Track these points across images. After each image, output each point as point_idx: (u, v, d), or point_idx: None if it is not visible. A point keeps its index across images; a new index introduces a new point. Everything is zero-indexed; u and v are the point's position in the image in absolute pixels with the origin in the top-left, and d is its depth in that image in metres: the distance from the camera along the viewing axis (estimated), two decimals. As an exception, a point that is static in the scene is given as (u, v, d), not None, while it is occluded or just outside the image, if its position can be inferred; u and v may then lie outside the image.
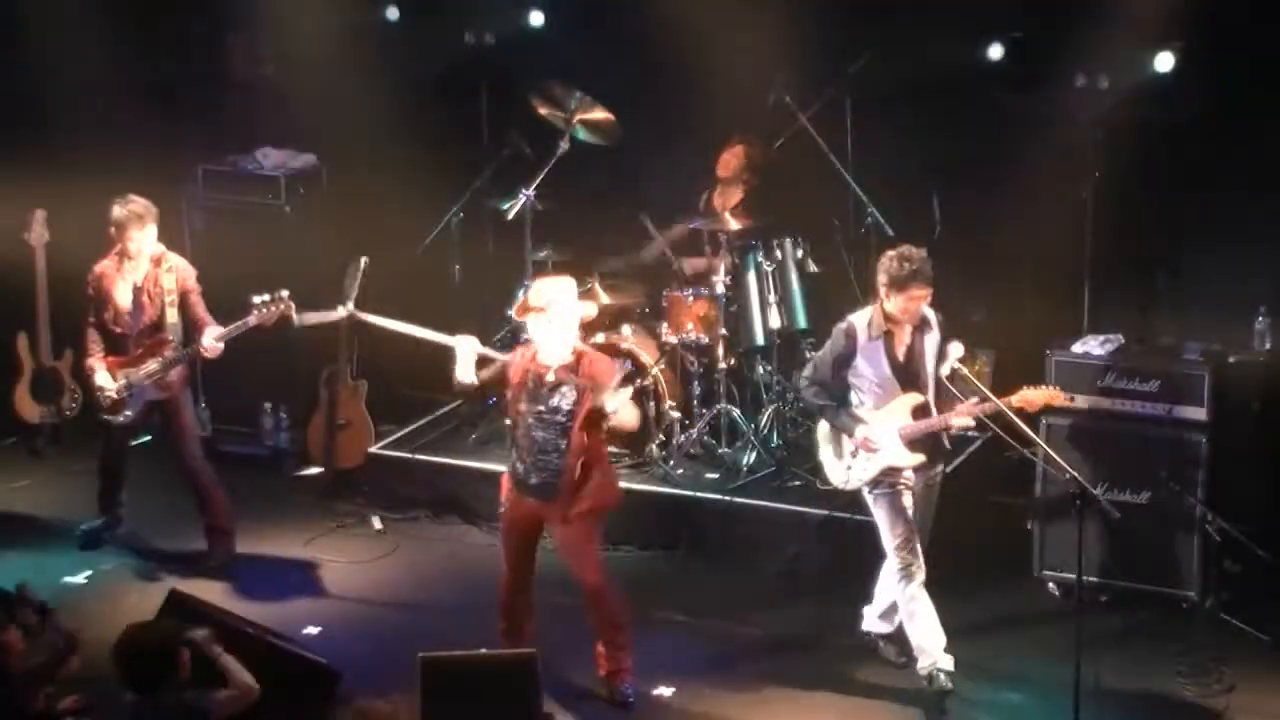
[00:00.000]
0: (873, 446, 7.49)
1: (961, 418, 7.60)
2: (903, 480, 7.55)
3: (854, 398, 7.61)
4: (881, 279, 7.43)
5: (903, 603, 7.59)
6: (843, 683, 7.83)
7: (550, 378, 7.37)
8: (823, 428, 7.80)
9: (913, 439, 7.49)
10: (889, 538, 7.57)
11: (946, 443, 7.72)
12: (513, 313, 7.46)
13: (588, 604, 7.64)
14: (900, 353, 7.52)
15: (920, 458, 7.52)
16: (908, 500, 7.56)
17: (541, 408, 7.39)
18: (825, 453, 7.81)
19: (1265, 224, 9.19)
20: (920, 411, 7.53)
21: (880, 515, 7.60)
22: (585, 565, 7.58)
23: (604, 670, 7.69)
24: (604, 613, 7.64)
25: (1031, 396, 7.50)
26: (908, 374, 7.52)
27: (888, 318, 7.48)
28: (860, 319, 7.57)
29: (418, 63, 10.80)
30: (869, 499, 7.64)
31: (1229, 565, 8.26)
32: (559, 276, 7.74)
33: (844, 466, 7.69)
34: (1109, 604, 8.24)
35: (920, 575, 7.53)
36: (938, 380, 7.54)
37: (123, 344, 8.74)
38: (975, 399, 7.44)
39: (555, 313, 7.36)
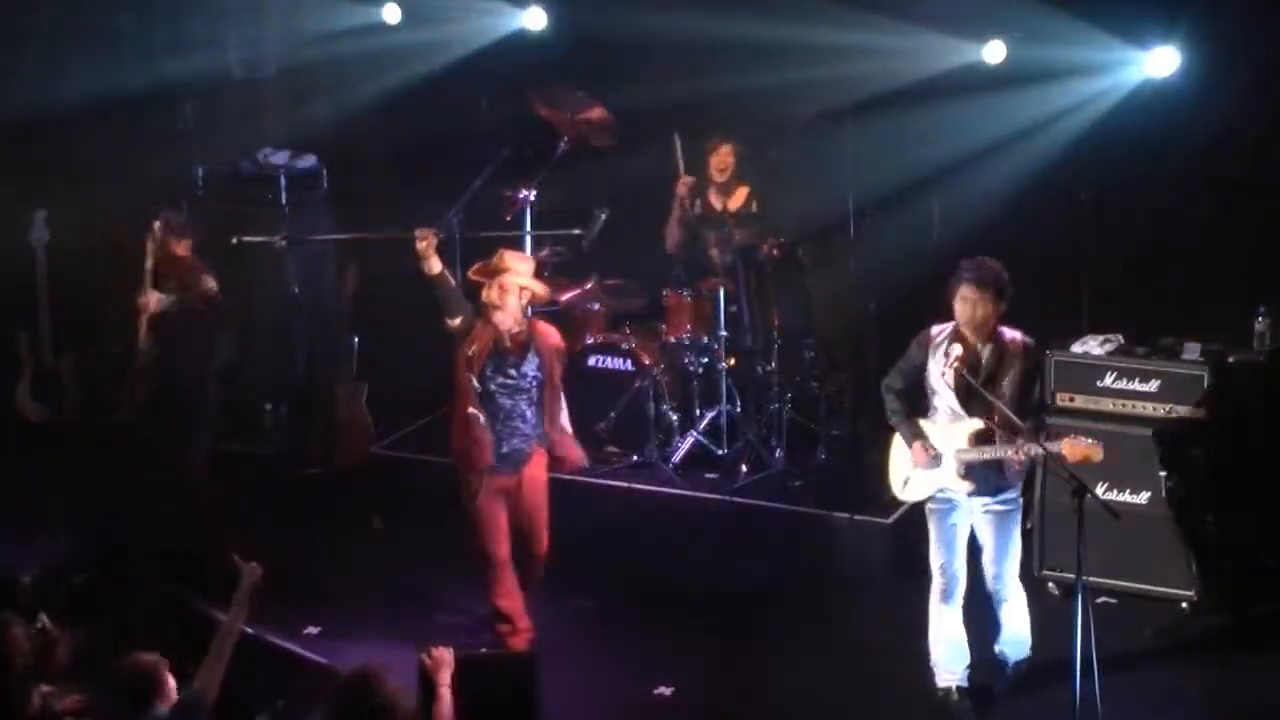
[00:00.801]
0: (921, 461, 7.25)
1: (1013, 455, 7.17)
2: (958, 503, 7.32)
3: (932, 410, 7.32)
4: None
5: (932, 617, 7.47)
6: (844, 682, 7.83)
7: (509, 344, 7.62)
8: (898, 435, 7.48)
9: (967, 466, 7.20)
10: (931, 556, 7.40)
11: (1009, 474, 7.32)
12: (472, 275, 7.71)
13: (528, 567, 7.95)
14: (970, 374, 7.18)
15: (969, 485, 7.22)
16: (959, 522, 7.36)
17: (509, 375, 7.63)
18: (893, 461, 7.51)
19: (1266, 224, 9.20)
20: (979, 438, 7.19)
21: (930, 532, 7.41)
22: (541, 530, 7.89)
23: (503, 631, 7.94)
24: (536, 575, 8.00)
25: (1070, 453, 7.05)
26: (976, 397, 7.15)
27: (959, 331, 7.19)
28: (939, 329, 7.26)
29: (417, 63, 10.81)
30: (927, 513, 7.44)
31: (1229, 565, 8.25)
32: (521, 253, 8.01)
33: (903, 479, 7.44)
34: (1109, 604, 8.23)
35: (956, 600, 7.42)
36: (1017, 409, 7.10)
37: None
38: (1026, 444, 7.05)
39: (510, 283, 7.57)
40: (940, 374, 7.19)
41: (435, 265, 7.70)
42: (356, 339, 9.95)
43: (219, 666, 6.13)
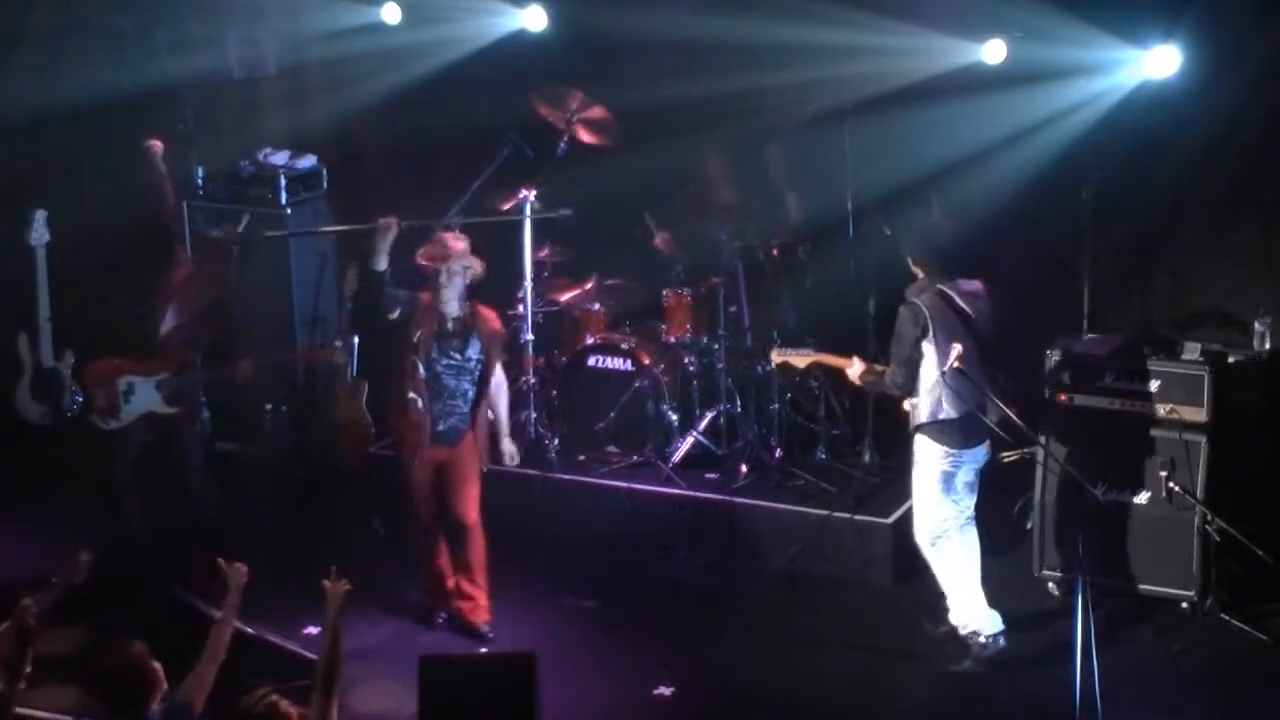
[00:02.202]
0: None
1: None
2: None
3: None
4: None
5: None
6: (844, 681, 7.84)
7: (452, 327, 8.00)
8: None
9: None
10: None
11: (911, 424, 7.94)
12: (420, 260, 8.09)
13: (462, 542, 8.14)
14: None
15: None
16: None
17: (452, 356, 8.01)
18: None
19: (1266, 223, 9.20)
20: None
21: None
22: (470, 502, 8.12)
23: (463, 608, 8.17)
24: (475, 552, 8.15)
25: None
26: None
27: None
28: None
29: (418, 63, 10.80)
30: None
31: (1229, 565, 8.26)
32: (457, 234, 8.28)
33: None
34: (1109, 604, 8.24)
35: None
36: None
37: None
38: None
39: (456, 266, 7.99)
40: None
41: (383, 261, 8.00)
42: (356, 339, 9.94)
43: (210, 670, 6.12)
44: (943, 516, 7.83)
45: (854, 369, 8.01)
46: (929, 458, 7.78)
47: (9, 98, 10.49)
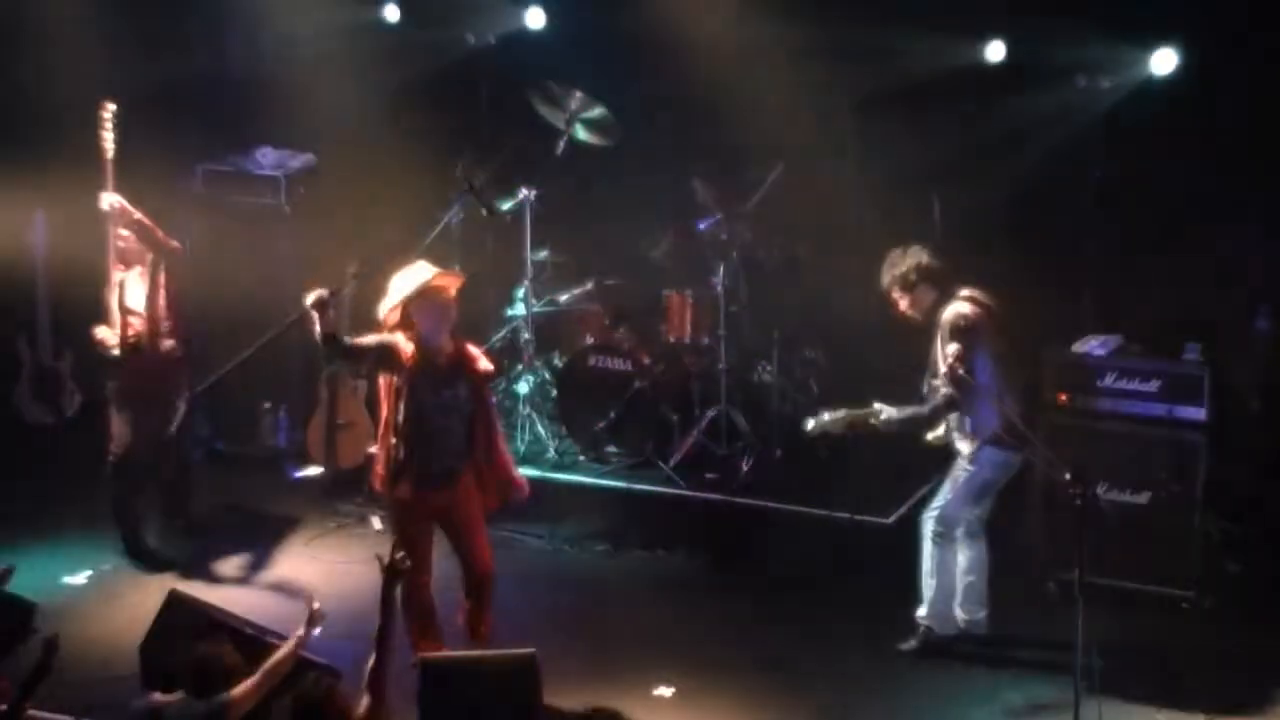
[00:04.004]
0: None
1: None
2: None
3: None
4: None
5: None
6: (844, 682, 7.84)
7: (440, 362, 7.38)
8: None
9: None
10: None
11: (954, 441, 7.81)
12: (406, 303, 7.38)
13: (476, 586, 7.60)
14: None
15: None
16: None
17: (441, 395, 7.38)
18: None
19: (1265, 223, 9.20)
20: None
21: None
22: (483, 548, 7.58)
23: (469, 631, 7.69)
24: (487, 594, 7.63)
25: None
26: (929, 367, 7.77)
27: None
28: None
29: (417, 62, 10.81)
30: None
31: (1229, 565, 8.25)
32: (419, 262, 7.59)
33: None
34: (1109, 604, 8.23)
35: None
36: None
37: None
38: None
39: (436, 297, 7.34)
40: None
41: (325, 325, 7.23)
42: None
43: (264, 683, 6.33)
44: (965, 518, 7.83)
45: (881, 418, 7.69)
46: (989, 465, 7.72)
47: (9, 98, 10.49)
